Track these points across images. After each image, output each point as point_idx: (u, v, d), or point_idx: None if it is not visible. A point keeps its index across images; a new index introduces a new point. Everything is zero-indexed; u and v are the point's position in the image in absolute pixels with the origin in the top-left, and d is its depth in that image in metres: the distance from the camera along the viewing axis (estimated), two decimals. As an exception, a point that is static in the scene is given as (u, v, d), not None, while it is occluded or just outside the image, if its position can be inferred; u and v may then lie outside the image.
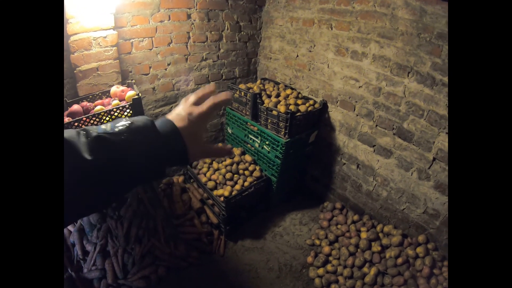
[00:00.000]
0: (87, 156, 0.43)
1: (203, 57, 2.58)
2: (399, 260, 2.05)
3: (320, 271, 2.23)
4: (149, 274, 2.10)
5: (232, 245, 2.48)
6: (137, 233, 2.18)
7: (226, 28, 2.62)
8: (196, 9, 2.34)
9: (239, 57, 2.87)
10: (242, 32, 2.77)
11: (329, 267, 2.22)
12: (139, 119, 0.50)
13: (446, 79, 1.83)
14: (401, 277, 1.97)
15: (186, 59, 2.49)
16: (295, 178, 2.87)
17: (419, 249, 2.06)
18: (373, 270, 2.06)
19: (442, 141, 1.95)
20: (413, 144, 2.11)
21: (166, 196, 2.53)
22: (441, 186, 2.03)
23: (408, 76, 2.01)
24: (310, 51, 2.53)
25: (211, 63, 2.67)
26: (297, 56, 2.65)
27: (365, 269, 2.11)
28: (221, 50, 2.70)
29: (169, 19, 2.23)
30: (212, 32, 2.54)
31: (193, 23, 2.37)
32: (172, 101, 2.56)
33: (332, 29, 2.33)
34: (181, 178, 2.77)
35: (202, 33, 2.47)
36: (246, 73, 3.05)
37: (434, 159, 2.03)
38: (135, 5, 2.03)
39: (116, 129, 0.48)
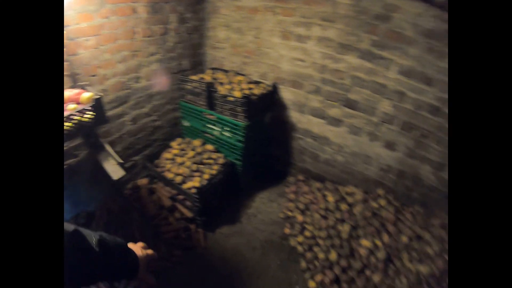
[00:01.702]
0: (96, 248, 0.74)
1: (151, 52, 2.59)
2: (367, 213, 2.47)
3: (300, 238, 2.53)
4: (139, 285, 2.12)
5: (211, 236, 2.60)
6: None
7: (172, 20, 2.66)
8: (142, 3, 2.34)
9: (186, 49, 2.94)
10: (187, 24, 2.83)
11: (306, 233, 2.53)
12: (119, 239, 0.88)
13: (382, 53, 2.26)
14: (371, 227, 2.39)
15: (135, 55, 2.47)
16: (258, 159, 3.10)
17: (381, 201, 2.51)
18: (346, 226, 2.44)
19: (384, 106, 2.41)
20: (360, 112, 2.54)
21: (134, 200, 2.52)
22: (389, 144, 2.52)
23: (350, 53, 2.39)
24: (257, 38, 2.75)
25: (159, 57, 2.69)
26: (244, 43, 2.85)
27: (339, 227, 2.48)
28: (169, 44, 2.73)
29: (115, 14, 2.19)
30: (159, 26, 2.56)
31: (139, 18, 2.36)
32: (124, 101, 2.52)
33: (277, 15, 2.57)
34: (144, 180, 2.76)
35: (149, 28, 2.47)
36: (195, 64, 3.13)
37: (380, 122, 2.49)
38: (79, 1, 1.97)
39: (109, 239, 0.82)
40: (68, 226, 0.67)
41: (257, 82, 2.83)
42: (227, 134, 2.66)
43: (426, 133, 2.39)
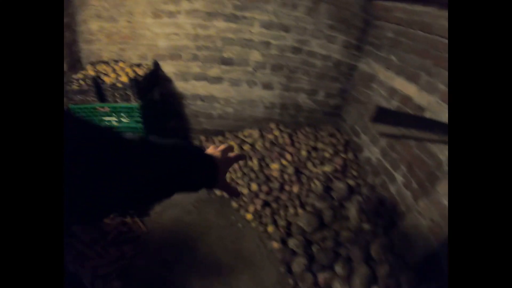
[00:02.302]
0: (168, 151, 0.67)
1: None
2: (267, 145, 3.08)
3: (222, 185, 3.00)
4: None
5: (148, 219, 2.77)
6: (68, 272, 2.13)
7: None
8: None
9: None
10: (55, 23, 2.86)
11: (226, 179, 3.01)
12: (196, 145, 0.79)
13: (244, 14, 2.86)
14: (274, 153, 3.00)
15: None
16: (161, 135, 3.34)
17: (275, 132, 3.16)
18: (254, 161, 2.99)
19: (254, 56, 3.04)
20: (236, 66, 3.11)
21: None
22: (267, 85, 3.19)
23: (216, 19, 2.89)
24: (130, 22, 2.99)
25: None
26: (119, 30, 3.05)
27: (249, 164, 3.01)
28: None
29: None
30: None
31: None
32: None
33: (146, -3, 2.86)
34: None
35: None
36: (73, 63, 3.17)
37: (254, 69, 3.10)
38: None
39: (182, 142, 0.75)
40: (130, 135, 0.59)
41: (138, 64, 3.09)
42: (125, 120, 2.85)
43: (294, 69, 3.11)
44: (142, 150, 0.59)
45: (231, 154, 0.89)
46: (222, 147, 0.88)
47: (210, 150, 0.87)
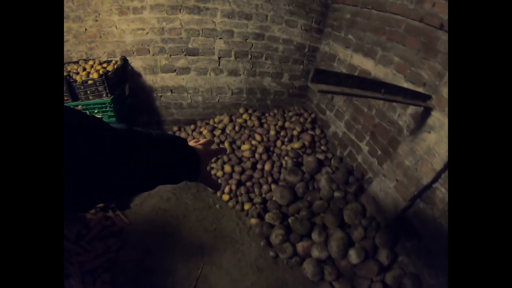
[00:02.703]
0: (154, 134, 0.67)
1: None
2: (237, 129, 3.29)
3: (199, 170, 3.17)
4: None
5: (129, 211, 2.91)
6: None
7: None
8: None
9: (30, 52, 3.07)
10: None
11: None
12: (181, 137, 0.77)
13: (206, 5, 3.03)
14: (244, 135, 3.21)
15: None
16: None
17: (244, 116, 3.37)
18: (226, 144, 3.20)
19: (219, 45, 3.23)
20: (201, 55, 3.29)
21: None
22: (232, 72, 3.39)
23: (180, 12, 3.06)
24: (97, 21, 3.12)
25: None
26: (86, 30, 3.17)
27: (221, 147, 3.19)
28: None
29: None
30: None
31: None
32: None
33: (111, -6, 3.00)
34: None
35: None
36: None
37: (219, 57, 3.30)
38: None
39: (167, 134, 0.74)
40: (116, 125, 0.60)
41: (108, 61, 3.22)
42: (98, 116, 2.99)
43: (257, 55, 3.32)
44: (129, 140, 0.60)
45: (212, 147, 0.89)
46: (203, 140, 0.88)
47: (191, 143, 0.86)
